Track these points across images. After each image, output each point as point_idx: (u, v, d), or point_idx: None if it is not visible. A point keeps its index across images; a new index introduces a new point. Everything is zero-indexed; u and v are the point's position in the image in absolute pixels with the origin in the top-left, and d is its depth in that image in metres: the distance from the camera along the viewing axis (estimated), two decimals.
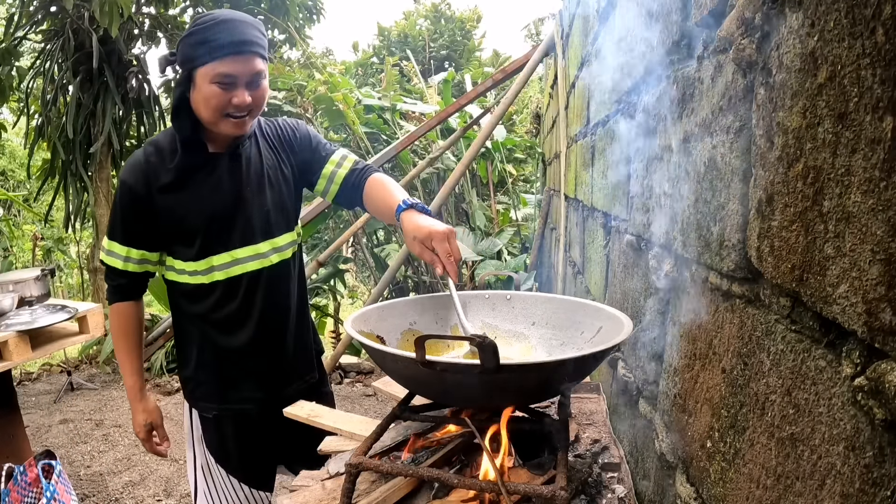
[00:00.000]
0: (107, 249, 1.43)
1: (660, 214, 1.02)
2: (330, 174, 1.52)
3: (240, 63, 1.26)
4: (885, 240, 0.40)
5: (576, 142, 2.54)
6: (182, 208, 1.38)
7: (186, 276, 1.44)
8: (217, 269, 1.43)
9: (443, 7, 14.27)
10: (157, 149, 1.39)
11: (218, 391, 1.53)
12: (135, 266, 1.43)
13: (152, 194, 1.36)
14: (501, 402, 0.97)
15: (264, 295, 1.48)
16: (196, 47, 1.25)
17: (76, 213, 5.15)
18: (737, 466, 0.68)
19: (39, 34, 5.06)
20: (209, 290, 1.44)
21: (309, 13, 5.77)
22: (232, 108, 1.29)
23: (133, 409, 1.54)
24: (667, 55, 0.98)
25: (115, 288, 1.47)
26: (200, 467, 1.59)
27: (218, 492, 1.59)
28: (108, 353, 4.69)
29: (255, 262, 1.45)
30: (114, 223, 1.41)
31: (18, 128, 7.70)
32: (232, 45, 1.24)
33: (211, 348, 1.50)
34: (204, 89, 1.27)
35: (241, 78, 1.27)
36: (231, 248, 1.42)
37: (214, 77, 1.25)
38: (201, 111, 1.31)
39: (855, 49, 0.43)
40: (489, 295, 1.31)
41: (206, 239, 1.40)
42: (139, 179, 1.36)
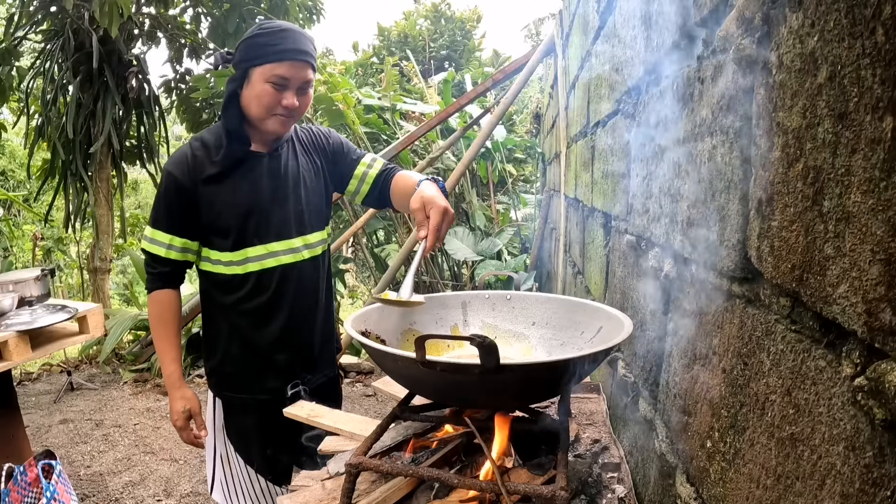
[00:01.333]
0: (150, 238, 1.49)
1: (660, 214, 1.02)
2: (361, 175, 1.62)
3: (295, 69, 1.38)
4: (885, 240, 0.40)
5: (576, 142, 2.54)
6: (223, 200, 1.46)
7: (222, 266, 1.51)
8: (252, 261, 1.50)
9: (443, 7, 14.27)
10: (202, 144, 1.48)
11: (243, 381, 1.57)
12: (177, 254, 1.49)
13: (196, 185, 1.45)
14: (501, 402, 0.97)
15: (294, 288, 1.55)
16: (259, 48, 1.37)
17: (76, 213, 5.15)
18: (737, 466, 0.68)
19: (39, 34, 5.06)
20: (243, 280, 1.51)
21: (309, 13, 5.77)
22: (280, 109, 1.41)
23: (172, 396, 1.56)
24: (667, 55, 0.98)
25: (157, 276, 1.52)
26: (220, 456, 1.64)
27: (235, 482, 1.63)
28: (108, 353, 4.69)
29: (288, 256, 1.53)
30: (157, 212, 1.48)
31: (18, 128, 7.70)
32: (291, 51, 1.37)
33: (239, 338, 1.55)
34: (258, 87, 1.38)
35: (292, 82, 1.39)
36: (267, 241, 1.50)
37: (270, 77, 1.37)
38: (252, 107, 1.41)
39: (855, 49, 0.43)
40: (489, 295, 1.32)
41: (243, 231, 1.48)
42: (185, 171, 1.44)
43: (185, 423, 1.56)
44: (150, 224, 1.50)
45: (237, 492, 1.63)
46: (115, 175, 5.23)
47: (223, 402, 1.62)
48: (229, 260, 1.49)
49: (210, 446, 1.64)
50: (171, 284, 1.54)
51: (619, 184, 1.42)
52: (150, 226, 1.49)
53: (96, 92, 4.80)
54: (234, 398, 1.60)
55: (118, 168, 5.22)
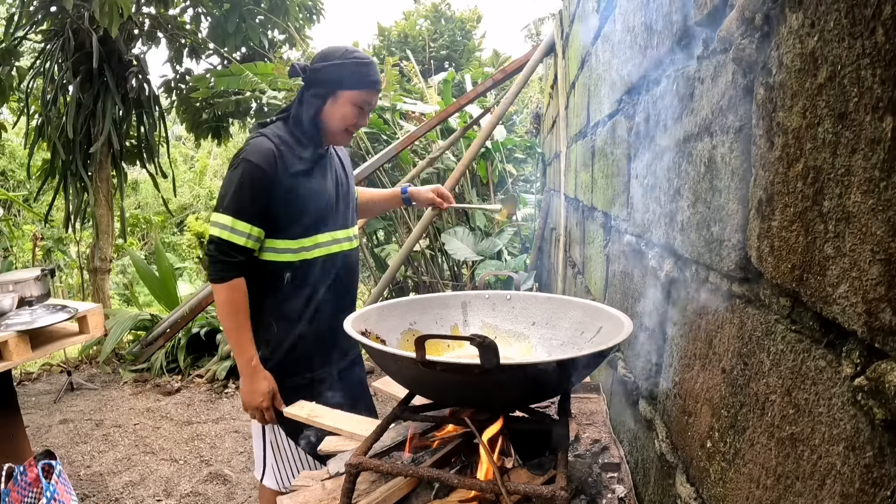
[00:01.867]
0: (230, 227, 1.54)
1: (660, 214, 1.02)
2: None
3: (375, 97, 1.64)
4: (885, 240, 0.40)
5: (576, 142, 2.54)
6: (307, 192, 1.62)
7: (290, 254, 1.63)
8: (321, 246, 1.67)
9: (443, 7, 14.26)
10: (282, 140, 1.61)
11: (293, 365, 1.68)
12: (253, 244, 1.58)
13: (284, 179, 1.57)
14: (502, 402, 0.97)
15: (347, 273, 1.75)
16: (354, 76, 1.58)
17: (76, 213, 5.15)
18: (737, 466, 0.68)
19: (39, 34, 5.06)
20: (308, 265, 1.65)
21: (309, 13, 5.77)
22: (353, 127, 1.64)
23: (253, 379, 1.62)
24: (666, 55, 0.98)
25: (235, 264, 1.57)
26: (269, 443, 1.72)
27: (287, 467, 1.72)
28: (108, 353, 4.69)
29: (345, 243, 1.74)
30: (240, 202, 1.54)
31: (18, 128, 7.70)
32: (377, 83, 1.61)
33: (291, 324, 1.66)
34: (345, 108, 1.60)
35: (368, 107, 1.63)
36: (333, 229, 1.70)
37: (359, 101, 1.60)
38: (334, 122, 1.62)
39: (855, 49, 0.43)
40: (489, 295, 1.32)
41: (317, 219, 1.65)
42: (272, 164, 1.55)
43: (270, 402, 1.63)
44: (229, 214, 1.54)
45: (291, 476, 1.71)
46: (115, 175, 5.23)
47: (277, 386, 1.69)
48: (300, 246, 1.63)
49: (259, 435, 1.73)
50: (244, 273, 1.61)
51: (619, 184, 1.42)
52: (231, 216, 1.53)
53: (96, 92, 4.80)
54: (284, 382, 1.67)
55: (118, 168, 5.22)
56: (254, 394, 1.62)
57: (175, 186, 6.01)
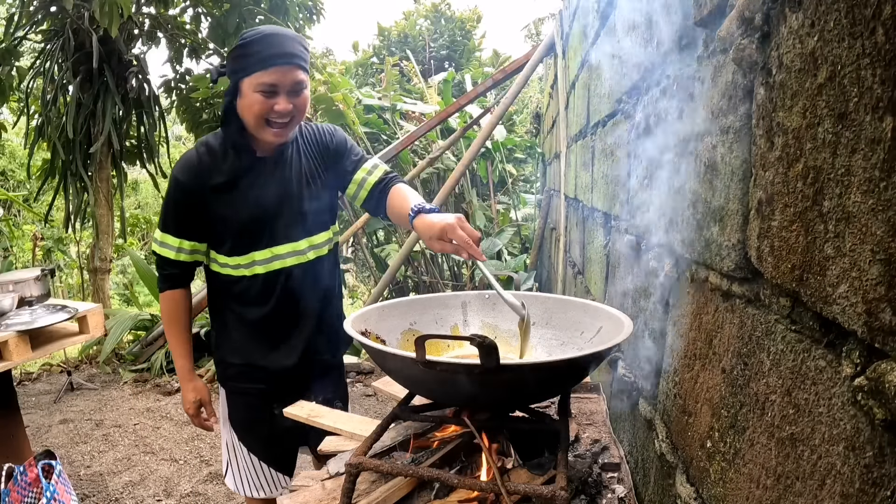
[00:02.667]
0: (160, 241, 1.53)
1: (660, 214, 1.02)
2: (361, 180, 1.62)
3: (281, 73, 1.36)
4: (885, 240, 0.40)
5: (576, 142, 2.54)
6: (231, 207, 1.49)
7: (229, 269, 1.56)
8: (258, 264, 1.54)
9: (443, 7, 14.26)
10: (209, 149, 1.49)
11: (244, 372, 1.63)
12: (186, 256, 1.54)
13: (205, 192, 1.47)
14: (501, 402, 0.97)
15: (299, 289, 1.59)
16: (242, 59, 1.38)
17: (76, 213, 5.15)
18: (737, 466, 0.68)
19: (39, 34, 5.06)
20: (250, 282, 1.56)
21: (309, 13, 5.76)
22: (274, 115, 1.40)
23: (184, 388, 1.65)
24: (667, 55, 0.98)
25: (167, 277, 1.57)
26: (226, 444, 1.73)
27: (242, 469, 1.71)
28: (108, 353, 4.69)
29: (292, 258, 1.56)
30: (166, 216, 1.52)
31: (18, 128, 7.70)
32: (274, 56, 1.35)
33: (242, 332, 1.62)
34: (249, 97, 1.39)
35: (282, 87, 1.38)
36: (272, 244, 1.54)
37: (258, 86, 1.37)
38: (246, 117, 1.42)
39: (855, 49, 0.43)
40: (489, 295, 1.32)
41: (250, 236, 1.52)
42: (192, 177, 1.46)
43: (196, 411, 1.66)
44: (159, 227, 1.54)
45: (245, 479, 1.70)
46: (115, 175, 5.23)
47: (227, 392, 1.69)
48: (237, 263, 1.54)
49: (224, 435, 1.74)
50: (182, 284, 1.59)
51: (619, 184, 1.42)
52: (160, 229, 1.53)
53: (96, 92, 4.80)
54: (236, 388, 1.67)
55: (118, 168, 5.21)
56: (184, 401, 1.66)
57: None
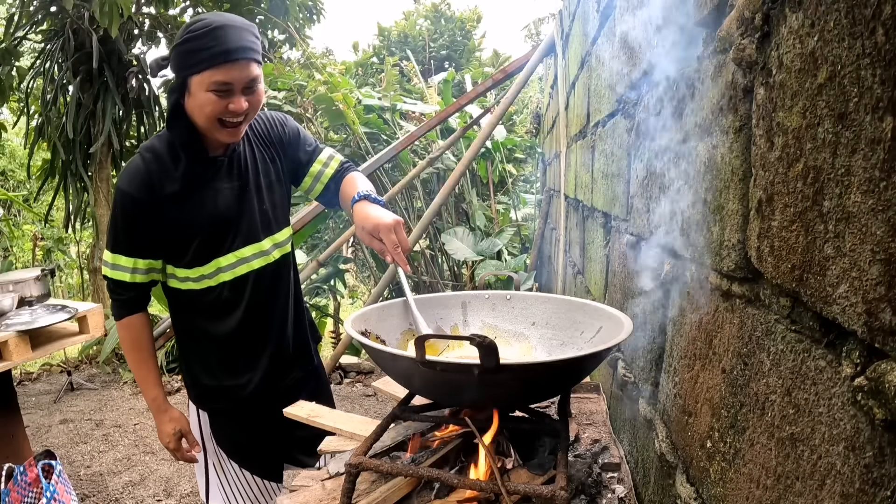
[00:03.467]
0: (111, 264, 1.40)
1: (659, 214, 1.02)
2: (317, 173, 1.56)
3: (236, 70, 1.25)
4: (885, 240, 0.40)
5: (576, 142, 2.54)
6: (187, 216, 1.37)
7: (191, 282, 1.44)
8: (224, 271, 1.44)
9: (443, 7, 14.26)
10: (155, 156, 1.36)
11: (225, 390, 1.54)
12: (142, 277, 1.42)
13: (157, 203, 1.34)
14: (502, 402, 0.97)
15: (268, 290, 1.50)
16: (191, 55, 1.24)
17: (76, 213, 5.15)
18: (737, 466, 0.68)
19: (39, 34, 5.06)
20: (217, 292, 1.45)
21: (309, 13, 5.77)
22: (228, 115, 1.29)
23: (158, 420, 1.52)
24: (667, 55, 0.98)
25: (124, 302, 1.44)
26: (212, 465, 1.61)
27: (232, 486, 1.62)
28: (108, 353, 4.69)
29: (259, 259, 1.47)
30: (116, 235, 1.38)
31: (18, 128, 7.70)
32: (227, 52, 1.23)
33: (215, 349, 1.52)
34: (200, 97, 1.27)
35: (237, 85, 1.27)
36: (236, 248, 1.44)
37: (210, 85, 1.25)
38: (196, 117, 1.31)
39: (855, 49, 0.43)
40: (489, 295, 1.31)
41: (212, 242, 1.41)
42: (141, 188, 1.33)
43: (177, 444, 1.53)
44: (108, 249, 1.40)
45: (237, 495, 1.63)
46: (115, 175, 5.23)
47: (207, 412, 1.59)
48: (199, 275, 1.43)
49: (200, 457, 1.61)
50: (140, 308, 1.47)
51: (619, 184, 1.42)
52: (110, 251, 1.39)
53: (96, 92, 4.80)
54: (218, 408, 1.57)
55: (118, 168, 5.21)
56: (160, 434, 1.53)
57: None
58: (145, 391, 1.52)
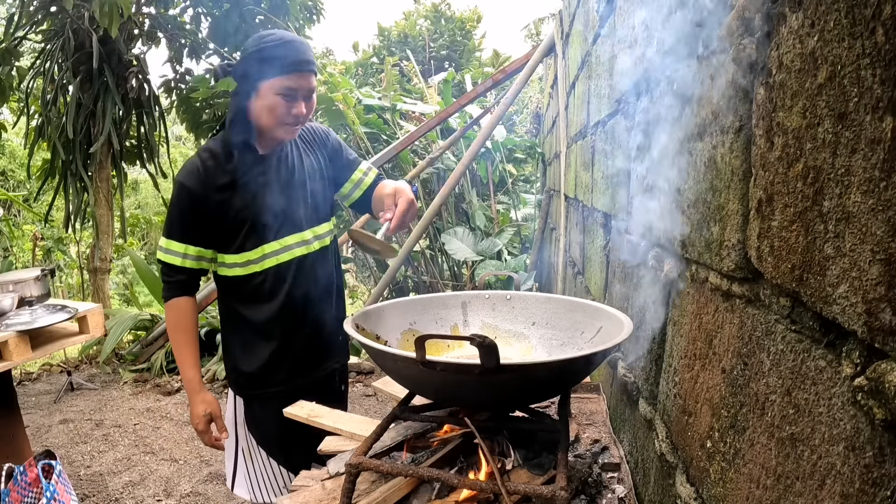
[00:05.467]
0: (164, 248, 1.54)
1: (660, 214, 1.02)
2: (357, 180, 1.72)
3: (301, 79, 1.45)
4: (885, 240, 0.40)
5: (576, 142, 2.54)
6: (238, 204, 1.52)
7: (239, 268, 1.57)
8: (269, 257, 1.57)
9: (443, 7, 14.25)
10: (211, 154, 1.53)
11: (262, 376, 1.62)
12: (192, 262, 1.54)
13: (210, 194, 1.50)
14: (502, 402, 0.97)
15: (309, 278, 1.63)
16: (265, 63, 1.43)
17: (76, 213, 5.14)
18: (737, 466, 0.68)
19: (39, 34, 5.06)
20: (261, 277, 1.58)
21: (309, 13, 5.76)
22: (290, 118, 1.47)
23: (192, 401, 1.60)
24: (666, 55, 0.98)
25: (174, 284, 1.56)
26: (241, 451, 1.69)
27: (258, 474, 1.68)
28: (108, 353, 4.69)
29: (301, 248, 1.61)
30: (171, 223, 1.54)
31: (18, 128, 7.70)
32: (297, 63, 1.43)
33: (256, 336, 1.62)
34: (269, 99, 1.44)
35: (300, 92, 1.46)
36: (281, 236, 1.58)
37: (280, 90, 1.43)
38: (262, 118, 1.48)
39: (855, 49, 0.43)
40: (489, 295, 1.32)
41: (259, 230, 1.55)
42: (197, 182, 1.49)
43: (206, 427, 1.60)
44: (164, 234, 1.55)
45: (262, 485, 1.68)
46: (115, 175, 5.23)
47: (243, 398, 1.66)
48: (247, 260, 1.56)
49: (230, 442, 1.69)
50: (188, 292, 1.58)
51: (619, 184, 1.42)
52: (165, 236, 1.54)
53: (96, 92, 4.80)
54: (254, 394, 1.64)
55: (118, 168, 5.21)
56: (192, 416, 1.61)
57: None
58: (183, 371, 1.60)
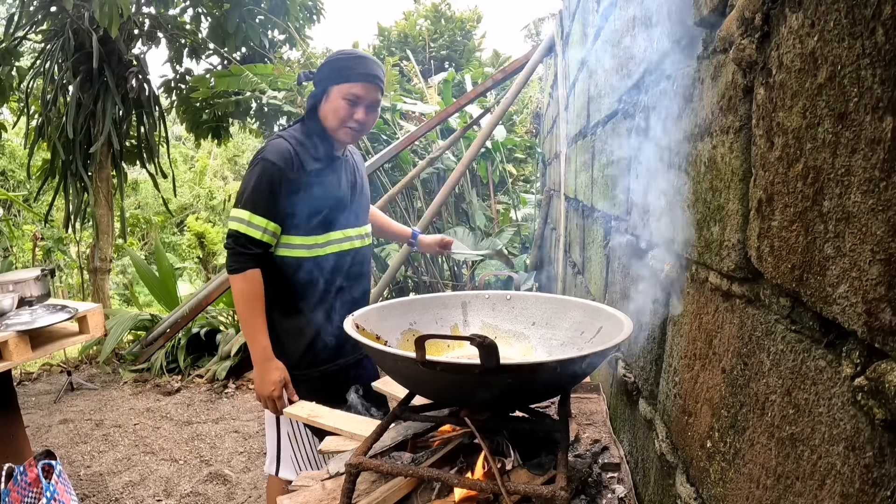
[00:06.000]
0: (247, 221, 1.62)
1: (660, 214, 1.02)
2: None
3: (367, 89, 1.63)
4: (885, 240, 0.40)
5: (576, 142, 2.54)
6: (321, 190, 1.68)
7: (304, 249, 1.69)
8: (333, 243, 1.74)
9: (443, 7, 14.24)
10: (299, 142, 1.67)
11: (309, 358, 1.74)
12: (269, 238, 1.65)
13: (300, 177, 1.63)
14: (502, 401, 0.97)
15: (359, 269, 1.83)
16: (338, 70, 1.63)
17: (76, 213, 5.15)
18: (737, 466, 0.68)
19: (39, 34, 5.06)
20: (321, 262, 1.72)
21: (309, 13, 5.77)
22: (352, 122, 1.65)
23: (265, 368, 1.67)
24: (666, 55, 0.98)
25: (251, 256, 1.64)
26: (286, 434, 1.79)
27: (305, 454, 1.79)
28: (108, 353, 4.69)
29: (358, 241, 1.81)
30: (257, 198, 1.62)
31: (18, 128, 7.70)
32: (365, 75, 1.62)
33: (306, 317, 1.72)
34: (335, 102, 1.63)
35: (363, 100, 1.64)
36: (345, 227, 1.76)
37: (346, 94, 1.62)
38: (329, 119, 1.66)
39: (855, 49, 0.43)
40: (489, 295, 1.32)
41: (331, 217, 1.72)
42: (289, 163, 1.62)
43: (280, 391, 1.68)
44: (247, 209, 1.61)
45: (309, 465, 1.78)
46: (115, 175, 5.23)
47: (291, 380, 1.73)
48: (313, 243, 1.69)
49: (272, 426, 1.79)
50: (260, 265, 1.66)
51: (619, 184, 1.42)
52: (249, 210, 1.61)
53: (96, 92, 4.80)
54: (302, 375, 1.73)
55: (118, 168, 5.21)
56: (265, 383, 1.67)
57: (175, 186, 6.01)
58: (254, 340, 1.67)
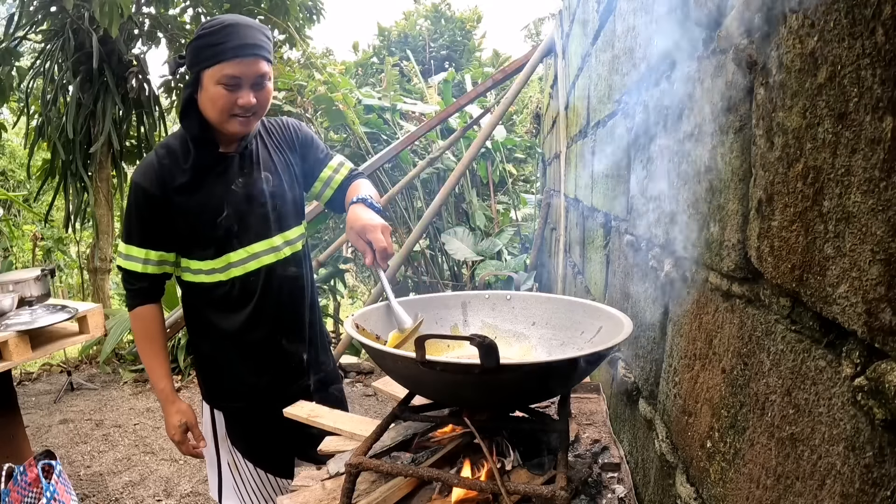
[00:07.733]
0: (124, 254, 1.44)
1: (659, 214, 1.02)
2: (327, 178, 1.60)
3: (244, 65, 1.31)
4: (885, 240, 0.40)
5: (576, 142, 2.54)
6: (198, 208, 1.41)
7: (203, 275, 1.47)
8: (234, 266, 1.46)
9: (443, 7, 14.24)
10: (168, 151, 1.42)
11: (241, 390, 1.56)
12: (154, 268, 1.45)
13: (168, 195, 1.39)
14: (502, 402, 0.97)
15: (280, 287, 1.52)
16: (203, 50, 1.31)
17: (76, 213, 5.14)
18: (737, 466, 0.68)
19: (39, 34, 5.06)
20: (228, 287, 1.48)
21: (309, 13, 5.76)
22: (238, 109, 1.34)
23: (166, 411, 1.53)
24: (666, 55, 0.98)
25: (136, 292, 1.47)
26: (227, 464, 1.62)
27: (247, 485, 1.63)
28: (108, 353, 4.69)
29: (269, 255, 1.50)
30: (129, 227, 1.43)
31: (18, 128, 7.70)
32: (237, 48, 1.29)
33: (230, 347, 1.53)
34: (210, 90, 1.32)
35: (245, 80, 1.32)
36: (247, 243, 1.47)
37: (220, 79, 1.31)
38: (208, 111, 1.36)
39: (855, 49, 0.43)
40: (489, 295, 1.31)
41: (222, 237, 1.44)
42: (153, 181, 1.39)
43: (182, 437, 1.54)
44: (122, 240, 1.45)
45: (251, 495, 1.63)
46: (115, 175, 5.23)
47: (222, 412, 1.60)
48: (211, 268, 1.46)
49: (212, 456, 1.62)
50: (152, 299, 1.50)
51: (619, 184, 1.42)
52: (123, 241, 1.44)
53: (96, 92, 4.80)
54: (231, 407, 1.58)
55: (118, 168, 5.21)
56: (167, 426, 1.54)
57: None
58: (154, 382, 1.53)
